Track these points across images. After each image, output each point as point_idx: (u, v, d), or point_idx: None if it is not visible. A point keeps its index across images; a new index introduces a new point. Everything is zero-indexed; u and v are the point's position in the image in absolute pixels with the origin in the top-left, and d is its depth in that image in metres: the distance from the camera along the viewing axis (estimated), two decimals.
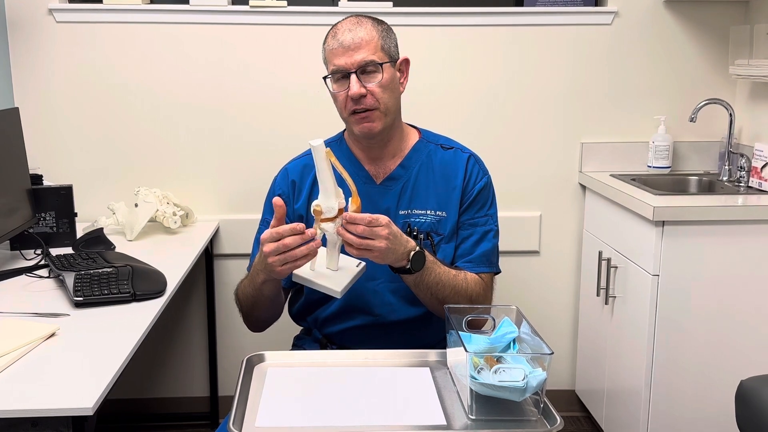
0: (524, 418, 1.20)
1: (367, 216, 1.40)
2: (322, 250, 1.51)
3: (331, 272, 1.50)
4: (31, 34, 2.50)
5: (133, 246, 2.23)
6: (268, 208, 1.71)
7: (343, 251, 1.49)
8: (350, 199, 1.43)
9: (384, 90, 1.58)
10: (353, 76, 1.56)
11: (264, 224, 1.72)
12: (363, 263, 1.53)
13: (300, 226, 1.38)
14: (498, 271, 1.72)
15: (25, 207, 2.08)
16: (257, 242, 1.66)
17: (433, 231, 1.67)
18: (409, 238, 1.51)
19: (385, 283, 1.64)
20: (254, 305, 1.64)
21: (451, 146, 1.74)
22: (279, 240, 1.38)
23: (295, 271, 1.48)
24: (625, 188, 2.35)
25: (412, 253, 1.48)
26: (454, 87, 2.61)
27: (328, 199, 1.41)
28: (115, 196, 2.53)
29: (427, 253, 1.53)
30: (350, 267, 1.52)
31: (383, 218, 1.42)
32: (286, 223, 1.42)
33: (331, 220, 1.42)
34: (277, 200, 1.41)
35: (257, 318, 1.71)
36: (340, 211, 1.42)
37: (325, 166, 1.39)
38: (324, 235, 1.45)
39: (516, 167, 2.67)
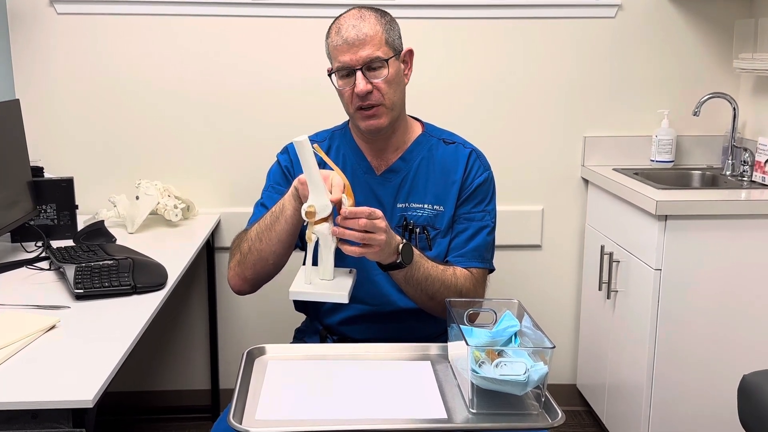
0: (525, 411, 1.20)
1: (367, 208, 1.38)
2: (314, 267, 1.45)
3: (327, 282, 1.44)
4: (32, 25, 2.49)
5: (134, 239, 2.23)
6: (272, 178, 1.71)
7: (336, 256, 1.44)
8: (344, 194, 1.38)
9: (389, 85, 1.57)
10: (359, 73, 1.54)
11: (269, 190, 1.70)
12: (353, 269, 1.51)
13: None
14: (492, 269, 1.70)
15: (25, 199, 2.08)
16: (258, 206, 1.67)
17: (430, 225, 1.66)
18: (395, 234, 1.49)
19: (384, 273, 1.63)
20: (264, 249, 1.53)
21: (454, 141, 1.72)
22: None
23: (292, 289, 1.42)
24: (627, 182, 2.35)
25: (401, 246, 1.47)
26: (457, 80, 2.60)
27: (320, 197, 1.35)
28: (116, 189, 2.52)
29: (412, 246, 1.51)
30: (343, 273, 1.48)
31: (378, 211, 1.41)
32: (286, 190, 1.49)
33: (325, 220, 1.37)
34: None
35: (261, 269, 1.56)
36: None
37: (313, 163, 1.33)
38: (317, 241, 1.39)
39: (518, 161, 2.66)
